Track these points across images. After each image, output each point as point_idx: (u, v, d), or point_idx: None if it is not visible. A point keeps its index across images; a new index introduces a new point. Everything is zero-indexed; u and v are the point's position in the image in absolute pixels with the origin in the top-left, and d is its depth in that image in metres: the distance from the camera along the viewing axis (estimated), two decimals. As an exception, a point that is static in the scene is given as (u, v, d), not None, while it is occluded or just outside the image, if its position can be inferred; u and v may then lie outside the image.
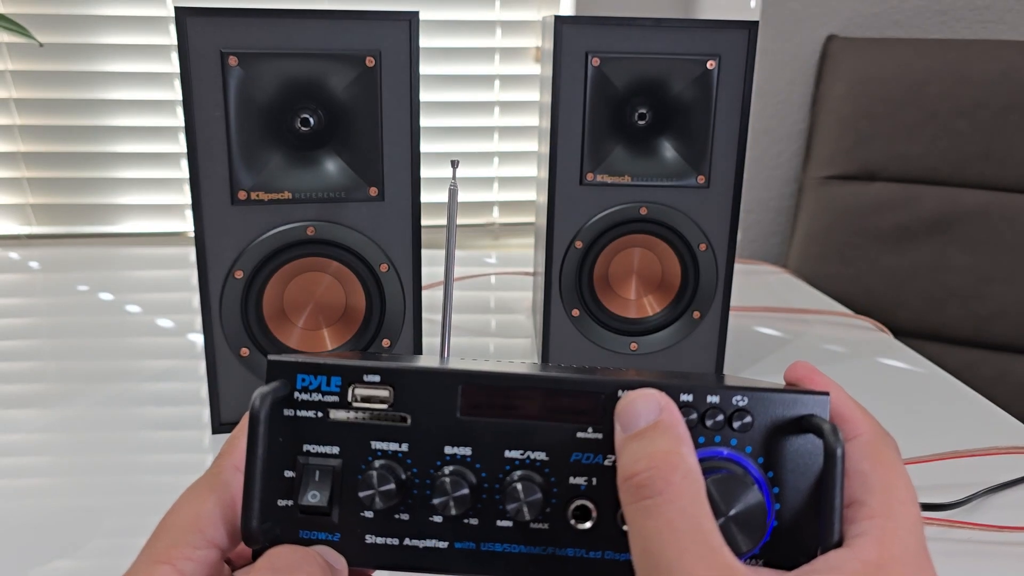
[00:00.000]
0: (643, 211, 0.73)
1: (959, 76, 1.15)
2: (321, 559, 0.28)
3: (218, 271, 0.63)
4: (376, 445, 0.29)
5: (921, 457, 0.65)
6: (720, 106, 0.71)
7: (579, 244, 0.74)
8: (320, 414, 0.29)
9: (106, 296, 1.01)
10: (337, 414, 0.29)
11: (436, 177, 1.35)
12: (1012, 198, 1.15)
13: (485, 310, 1.00)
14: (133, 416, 0.70)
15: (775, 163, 1.34)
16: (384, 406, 0.29)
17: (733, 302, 0.78)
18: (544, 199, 0.76)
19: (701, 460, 0.27)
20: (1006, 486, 0.60)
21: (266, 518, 0.29)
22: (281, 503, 0.30)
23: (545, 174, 0.75)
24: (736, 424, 0.28)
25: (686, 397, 0.29)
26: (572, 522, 0.29)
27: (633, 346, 0.77)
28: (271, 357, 0.30)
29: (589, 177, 0.73)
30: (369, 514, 0.29)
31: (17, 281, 1.09)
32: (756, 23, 0.70)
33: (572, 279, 0.75)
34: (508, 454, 0.29)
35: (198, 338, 0.87)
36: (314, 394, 0.29)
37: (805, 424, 0.28)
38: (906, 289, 1.19)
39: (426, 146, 1.30)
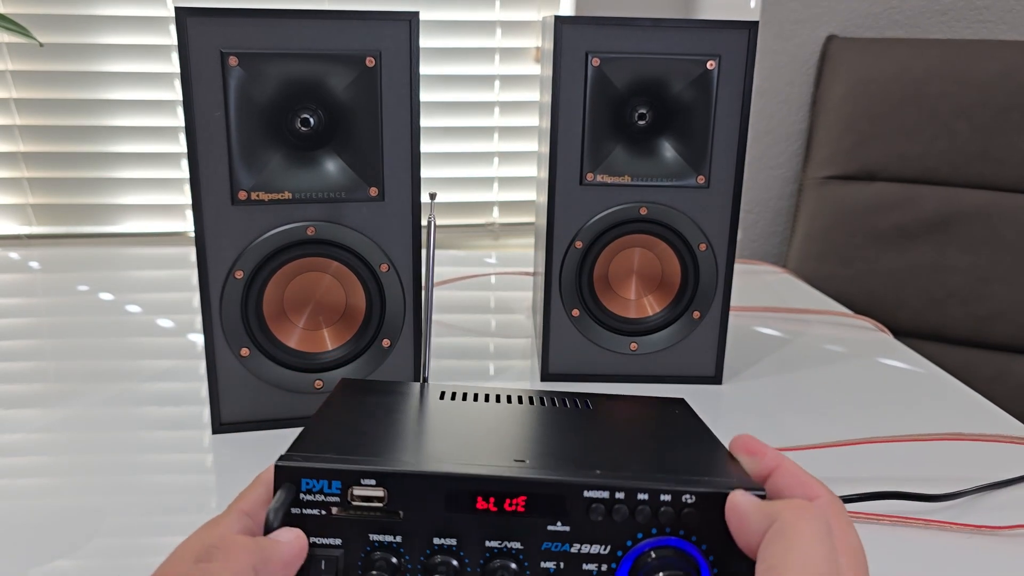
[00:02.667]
0: (643, 211, 0.73)
1: (959, 76, 1.15)
2: (256, 545, 0.32)
3: (218, 271, 0.63)
4: (373, 537, 0.34)
5: (916, 435, 0.65)
6: (720, 106, 0.71)
7: (579, 244, 0.74)
8: (323, 512, 0.34)
9: (106, 296, 1.01)
10: (339, 512, 0.34)
11: (437, 177, 1.35)
12: (1012, 198, 1.15)
13: (485, 310, 1.00)
14: (133, 416, 0.70)
15: (775, 163, 1.34)
16: (380, 504, 0.34)
17: (733, 302, 0.78)
18: (544, 199, 0.76)
19: (654, 548, 0.33)
20: (1000, 485, 0.60)
21: None
22: None
23: (545, 174, 0.75)
24: (685, 516, 0.34)
25: (642, 496, 0.34)
26: None
27: (633, 346, 0.77)
28: (278, 463, 0.34)
29: (589, 177, 0.73)
30: None
31: (17, 281, 1.09)
32: (756, 23, 0.70)
33: (572, 279, 0.75)
34: (488, 543, 0.34)
35: (198, 338, 0.87)
36: (317, 495, 0.34)
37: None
38: (906, 289, 1.19)
39: (426, 146, 1.30)
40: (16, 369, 0.81)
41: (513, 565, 0.34)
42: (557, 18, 0.69)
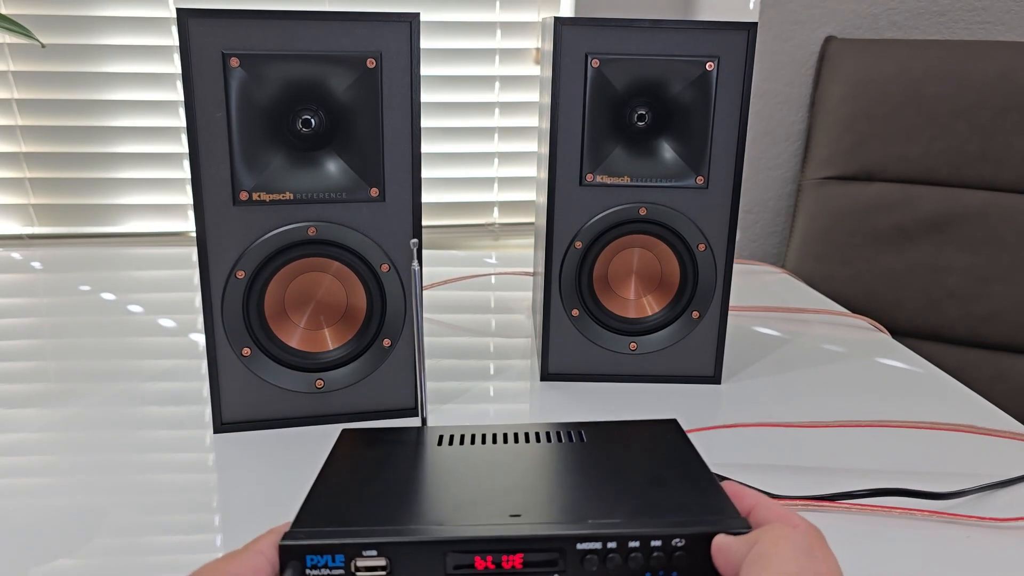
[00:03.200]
0: (642, 211, 0.74)
1: (957, 77, 1.16)
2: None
3: (220, 271, 0.64)
4: None
5: (919, 422, 0.65)
6: (719, 107, 0.71)
7: (579, 244, 0.74)
8: None
9: (108, 296, 1.01)
10: None
11: (437, 177, 1.36)
12: (1010, 198, 1.15)
13: (485, 310, 1.00)
14: (135, 415, 0.70)
15: (774, 164, 1.34)
16: (383, 574, 0.35)
17: (732, 302, 0.78)
18: (544, 199, 0.76)
19: None
20: (1004, 484, 0.60)
21: None
22: None
23: (545, 175, 0.76)
24: (676, 558, 0.35)
25: (634, 544, 0.35)
26: None
27: (632, 346, 0.77)
28: (283, 543, 0.35)
29: (589, 178, 0.73)
30: None
31: (19, 281, 1.09)
32: (755, 24, 0.70)
33: (572, 279, 0.76)
34: None
35: (200, 338, 0.88)
36: (323, 570, 0.35)
37: None
38: (904, 289, 1.19)
39: (427, 147, 1.31)
40: (18, 369, 0.81)
41: None
42: (557, 19, 0.69)
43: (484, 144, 1.35)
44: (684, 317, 0.77)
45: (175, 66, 1.25)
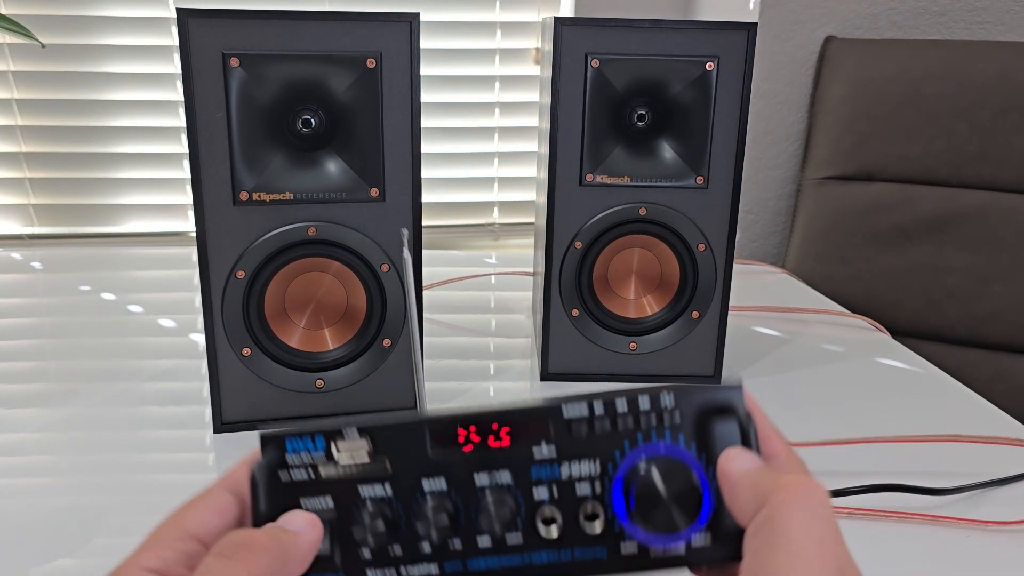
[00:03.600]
0: (642, 211, 0.74)
1: (957, 77, 1.16)
2: (261, 538, 0.31)
3: (220, 271, 0.64)
4: (364, 492, 0.34)
5: (915, 436, 0.65)
6: (719, 107, 0.71)
7: (579, 244, 0.74)
8: (311, 473, 0.34)
9: (108, 296, 1.01)
10: (326, 470, 0.34)
11: (437, 177, 1.36)
12: (1010, 198, 1.15)
13: (485, 310, 1.00)
14: (135, 415, 0.70)
15: (773, 164, 1.34)
16: (365, 457, 0.34)
17: (732, 302, 0.78)
18: (544, 199, 0.76)
19: (644, 455, 0.33)
20: (1003, 482, 0.60)
21: None
22: None
23: (545, 175, 0.76)
24: (668, 421, 0.34)
25: (621, 408, 0.34)
26: (541, 530, 0.34)
27: (632, 345, 0.77)
28: (262, 433, 0.34)
29: (589, 178, 0.73)
30: (367, 553, 0.34)
31: (19, 281, 1.09)
32: (755, 24, 0.70)
33: (572, 279, 0.76)
34: (477, 479, 0.34)
35: (200, 338, 0.88)
36: (304, 455, 0.34)
37: (726, 411, 0.34)
38: (904, 289, 1.19)
39: (427, 147, 1.31)
40: (18, 369, 0.81)
41: (507, 496, 0.34)
42: (557, 19, 0.69)
43: (484, 144, 1.36)
44: (684, 317, 0.77)
45: (175, 66, 1.25)
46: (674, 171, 0.73)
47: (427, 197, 1.36)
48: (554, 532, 0.34)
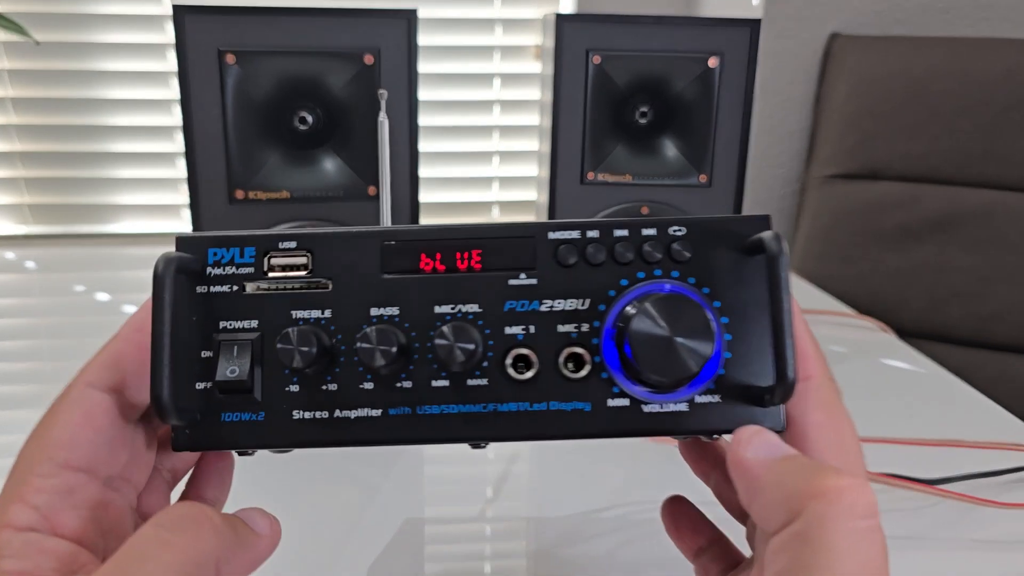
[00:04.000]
0: (644, 210, 0.73)
1: (962, 74, 1.15)
2: (214, 518, 0.25)
3: (215, 271, 0.63)
4: (297, 314, 0.28)
5: (922, 439, 0.64)
6: (722, 104, 0.71)
7: (580, 244, 0.74)
8: (235, 288, 0.28)
9: (103, 296, 1.00)
10: (253, 286, 0.28)
11: (436, 177, 1.34)
12: (1015, 197, 1.14)
13: (485, 310, 0.99)
14: (130, 418, 0.69)
15: (777, 162, 1.33)
16: (303, 273, 0.28)
17: (735, 302, 0.77)
18: (545, 198, 0.75)
19: (644, 296, 0.27)
20: (1001, 473, 0.60)
21: (183, 400, 0.28)
22: (200, 386, 0.28)
23: (546, 173, 0.75)
24: (675, 254, 0.27)
25: (621, 232, 0.28)
26: (512, 373, 0.28)
27: (634, 347, 0.76)
28: (179, 235, 0.29)
29: (590, 176, 0.72)
30: (294, 387, 0.28)
31: (13, 281, 1.08)
32: (758, 21, 0.69)
33: (573, 279, 0.75)
34: (438, 310, 0.28)
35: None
36: (227, 267, 0.28)
37: (747, 245, 0.27)
38: (909, 289, 1.18)
39: (425, 145, 1.30)
40: (12, 370, 0.80)
41: (472, 331, 0.27)
42: (558, 16, 0.68)
43: (484, 142, 1.34)
44: (687, 317, 0.76)
45: (171, 64, 1.24)
46: (677, 169, 0.72)
47: (425, 196, 1.35)
48: (528, 376, 0.28)
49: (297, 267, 0.28)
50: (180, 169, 1.28)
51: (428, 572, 0.49)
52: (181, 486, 0.33)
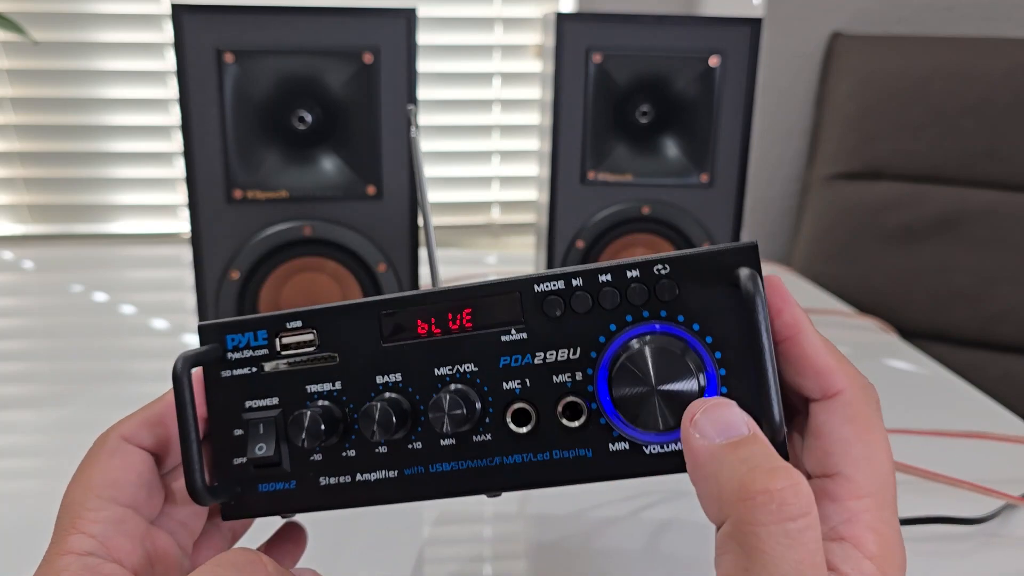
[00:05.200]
0: (645, 210, 0.72)
1: (965, 74, 1.14)
2: (269, 567, 0.27)
3: (214, 271, 0.62)
4: (311, 388, 0.30)
5: (926, 429, 0.64)
6: (723, 103, 0.70)
7: (580, 243, 0.73)
8: (254, 369, 0.30)
9: (101, 296, 0.99)
10: (270, 366, 0.30)
11: (436, 176, 1.34)
12: (1019, 197, 1.14)
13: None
14: (127, 419, 0.69)
15: (779, 161, 1.33)
16: (311, 349, 0.30)
17: (737, 303, 0.77)
18: (545, 198, 0.75)
19: (635, 338, 0.27)
20: None
21: (222, 478, 0.31)
22: (237, 461, 0.31)
23: (546, 172, 0.74)
24: (662, 294, 0.27)
25: (605, 278, 0.28)
26: (513, 427, 0.29)
27: (635, 347, 0.76)
28: (200, 324, 0.31)
29: (591, 175, 0.72)
30: (318, 456, 0.30)
31: (11, 281, 1.08)
32: (760, 20, 0.69)
33: (573, 279, 0.74)
34: (438, 372, 0.29)
35: (193, 339, 0.86)
36: (245, 351, 0.31)
37: (733, 279, 0.27)
38: (912, 289, 1.18)
39: (425, 144, 1.29)
40: (9, 370, 0.80)
41: (471, 390, 0.29)
42: (559, 14, 0.68)
43: (484, 142, 1.34)
44: (688, 318, 0.76)
45: (169, 63, 1.23)
46: (678, 168, 0.72)
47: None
48: (527, 429, 0.29)
49: (305, 343, 0.30)
50: (178, 169, 1.27)
51: (428, 572, 0.49)
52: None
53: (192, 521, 0.32)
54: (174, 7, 0.58)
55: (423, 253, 0.66)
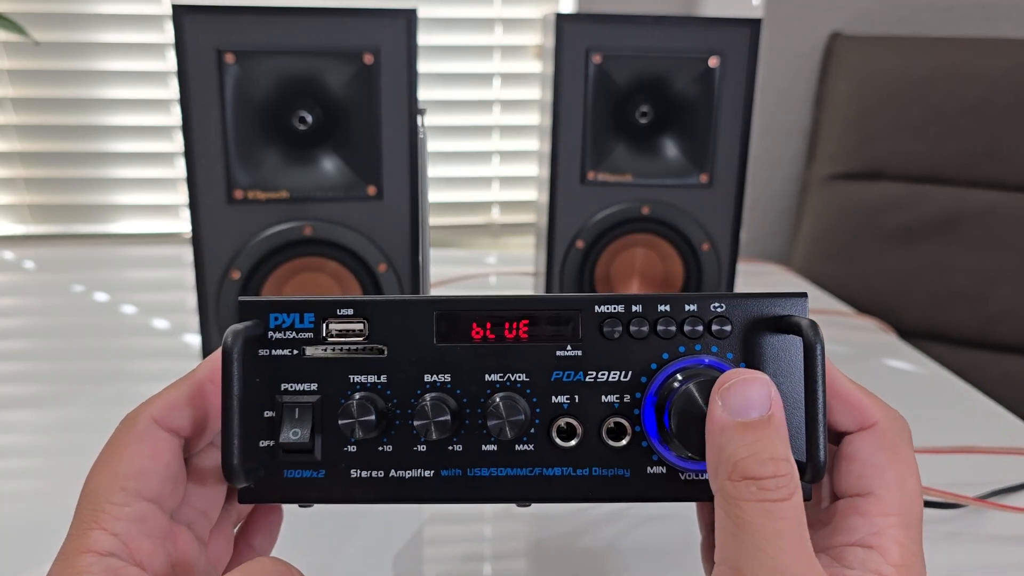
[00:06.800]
0: (645, 210, 0.72)
1: (964, 74, 1.14)
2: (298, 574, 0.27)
3: (214, 271, 0.62)
4: (354, 379, 0.29)
5: (929, 447, 0.64)
6: (723, 104, 0.70)
7: (580, 244, 0.73)
8: (295, 352, 0.30)
9: (101, 296, 1.00)
10: (313, 350, 0.29)
11: (436, 176, 1.34)
12: (1018, 198, 1.14)
13: (485, 310, 0.99)
14: (128, 418, 0.69)
15: (779, 162, 1.33)
16: (360, 339, 0.29)
17: (736, 303, 0.77)
18: (545, 198, 0.75)
19: (683, 369, 0.28)
20: (1020, 488, 0.59)
21: (249, 459, 0.29)
22: (263, 444, 0.30)
23: (546, 172, 0.75)
24: (715, 330, 0.29)
25: (663, 308, 0.29)
26: (557, 441, 0.29)
27: (635, 347, 0.76)
28: (241, 298, 0.30)
29: (590, 176, 0.72)
30: (352, 448, 0.29)
31: (12, 281, 1.08)
32: (759, 20, 0.69)
33: (573, 279, 0.74)
34: (488, 378, 0.29)
35: (194, 339, 0.86)
36: (288, 332, 0.30)
37: (784, 325, 0.29)
38: (911, 289, 1.18)
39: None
40: (10, 370, 0.80)
41: (520, 399, 0.29)
42: (558, 15, 0.68)
43: (484, 142, 1.34)
44: (688, 318, 0.76)
45: (169, 63, 1.24)
46: (677, 169, 0.72)
47: (426, 196, 1.35)
48: (572, 444, 0.29)
49: (354, 332, 0.30)
50: (179, 169, 1.27)
51: (428, 572, 0.49)
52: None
53: (211, 507, 0.31)
54: (175, 7, 0.58)
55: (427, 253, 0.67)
